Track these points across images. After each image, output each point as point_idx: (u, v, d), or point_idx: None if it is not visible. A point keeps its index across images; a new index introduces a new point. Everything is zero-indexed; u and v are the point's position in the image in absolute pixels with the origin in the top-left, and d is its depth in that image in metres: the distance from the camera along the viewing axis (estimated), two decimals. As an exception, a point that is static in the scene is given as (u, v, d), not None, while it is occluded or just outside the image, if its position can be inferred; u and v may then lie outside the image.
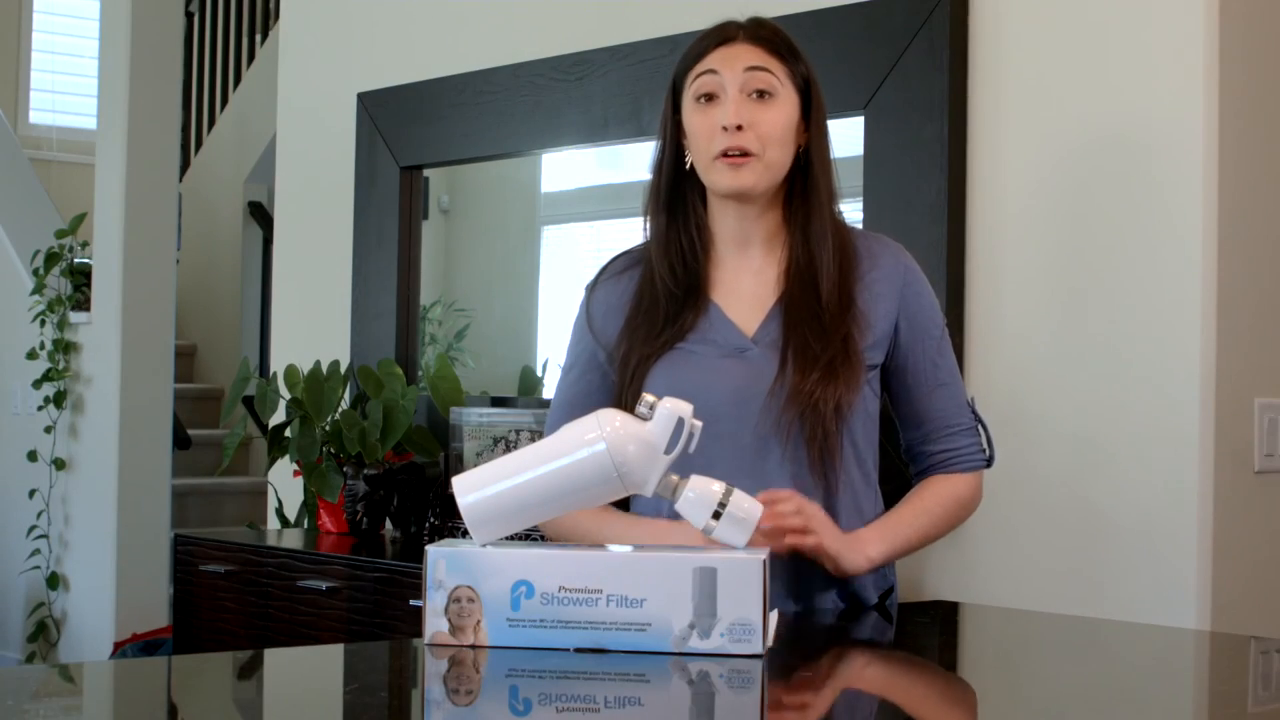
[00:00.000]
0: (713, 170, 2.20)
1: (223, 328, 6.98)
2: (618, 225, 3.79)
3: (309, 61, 4.26)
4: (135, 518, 5.30)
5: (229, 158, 7.07)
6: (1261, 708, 1.76)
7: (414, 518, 3.62)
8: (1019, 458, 2.78)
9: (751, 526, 1.85)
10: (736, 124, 2.16)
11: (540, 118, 3.57)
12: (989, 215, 2.88)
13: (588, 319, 2.32)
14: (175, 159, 5.47)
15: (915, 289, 2.27)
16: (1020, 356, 2.83)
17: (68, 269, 5.54)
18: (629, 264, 2.32)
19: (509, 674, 1.75)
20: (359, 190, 3.97)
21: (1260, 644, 2.16)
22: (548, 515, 1.90)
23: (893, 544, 2.21)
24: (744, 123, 2.16)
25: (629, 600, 1.77)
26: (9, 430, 5.77)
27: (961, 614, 2.46)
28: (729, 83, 2.18)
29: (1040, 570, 2.78)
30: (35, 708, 1.62)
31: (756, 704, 1.68)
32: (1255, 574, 2.70)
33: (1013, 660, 2.09)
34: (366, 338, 3.91)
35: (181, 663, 2.07)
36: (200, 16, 7.35)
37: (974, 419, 2.31)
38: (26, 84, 7.69)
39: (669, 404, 1.85)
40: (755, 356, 2.21)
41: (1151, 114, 2.68)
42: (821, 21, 3.04)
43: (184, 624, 3.67)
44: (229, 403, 3.94)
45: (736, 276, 2.26)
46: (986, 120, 2.88)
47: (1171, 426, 2.64)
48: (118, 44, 5.32)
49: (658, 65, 3.30)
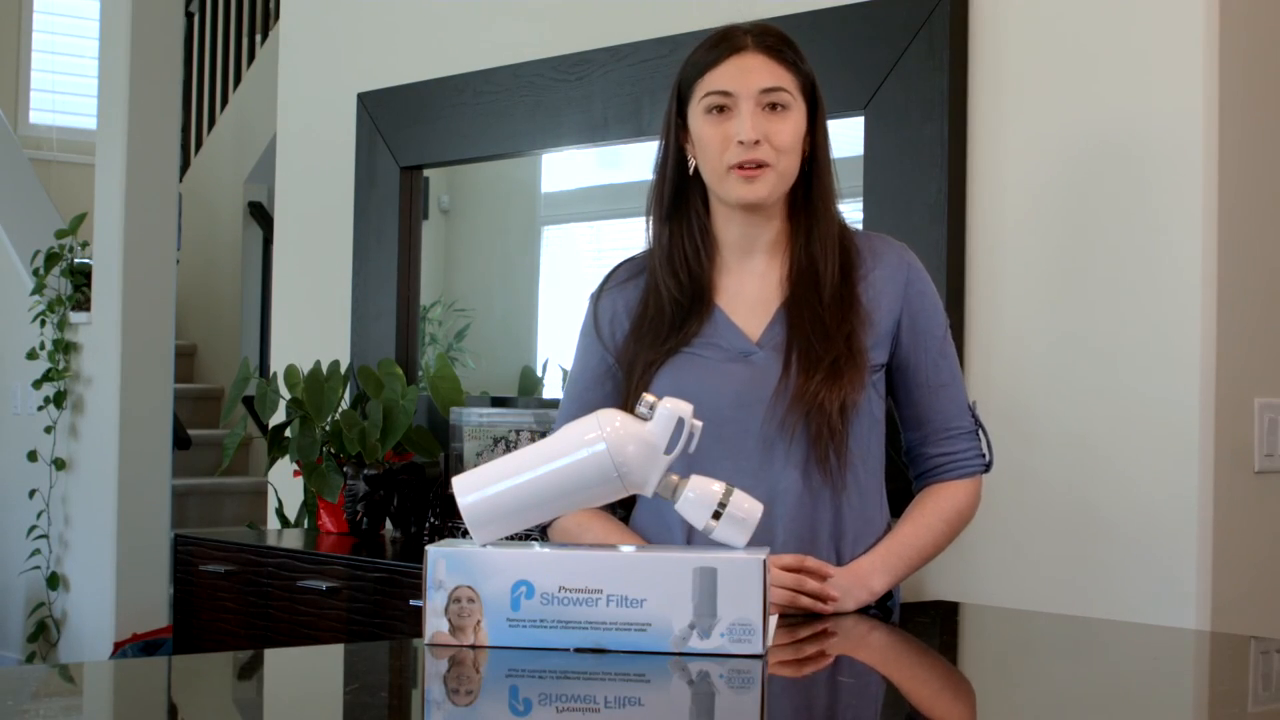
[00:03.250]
0: (726, 181, 2.20)
1: (223, 328, 6.98)
2: (618, 225, 3.79)
3: (309, 61, 4.26)
4: (135, 518, 5.30)
5: (229, 158, 7.07)
6: (1261, 708, 1.76)
7: (414, 518, 3.62)
8: (1019, 458, 2.78)
9: (751, 526, 1.85)
10: (755, 139, 2.17)
11: (540, 118, 3.57)
12: (989, 215, 2.88)
13: (595, 327, 2.32)
14: (175, 159, 5.47)
15: (919, 287, 2.27)
16: (1020, 357, 2.83)
17: (68, 269, 5.54)
18: (633, 272, 2.32)
19: (509, 674, 1.75)
20: (359, 190, 3.97)
21: (1260, 644, 2.16)
22: (548, 515, 1.90)
23: (894, 570, 2.22)
24: (760, 136, 2.17)
25: (629, 600, 1.77)
26: (9, 430, 5.77)
27: (962, 614, 2.46)
28: (743, 97, 2.18)
29: (1040, 570, 2.79)
30: (35, 708, 1.62)
31: (756, 704, 1.68)
32: (1255, 574, 2.70)
33: (1013, 660, 2.09)
34: (366, 338, 3.91)
35: (181, 663, 2.06)
36: (200, 16, 7.35)
37: (974, 423, 2.31)
38: (26, 84, 7.69)
39: (669, 404, 1.85)
40: (760, 360, 2.22)
41: (1152, 114, 2.68)
42: (821, 21, 3.04)
43: (184, 624, 3.67)
44: (229, 403, 3.94)
45: (740, 281, 2.27)
46: (986, 120, 2.88)
47: (1171, 426, 2.64)
48: (118, 44, 5.32)
49: (658, 65, 3.30)
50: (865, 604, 2.19)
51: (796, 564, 2.12)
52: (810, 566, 2.13)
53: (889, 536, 2.26)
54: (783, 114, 2.19)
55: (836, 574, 2.17)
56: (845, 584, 2.17)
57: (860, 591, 2.18)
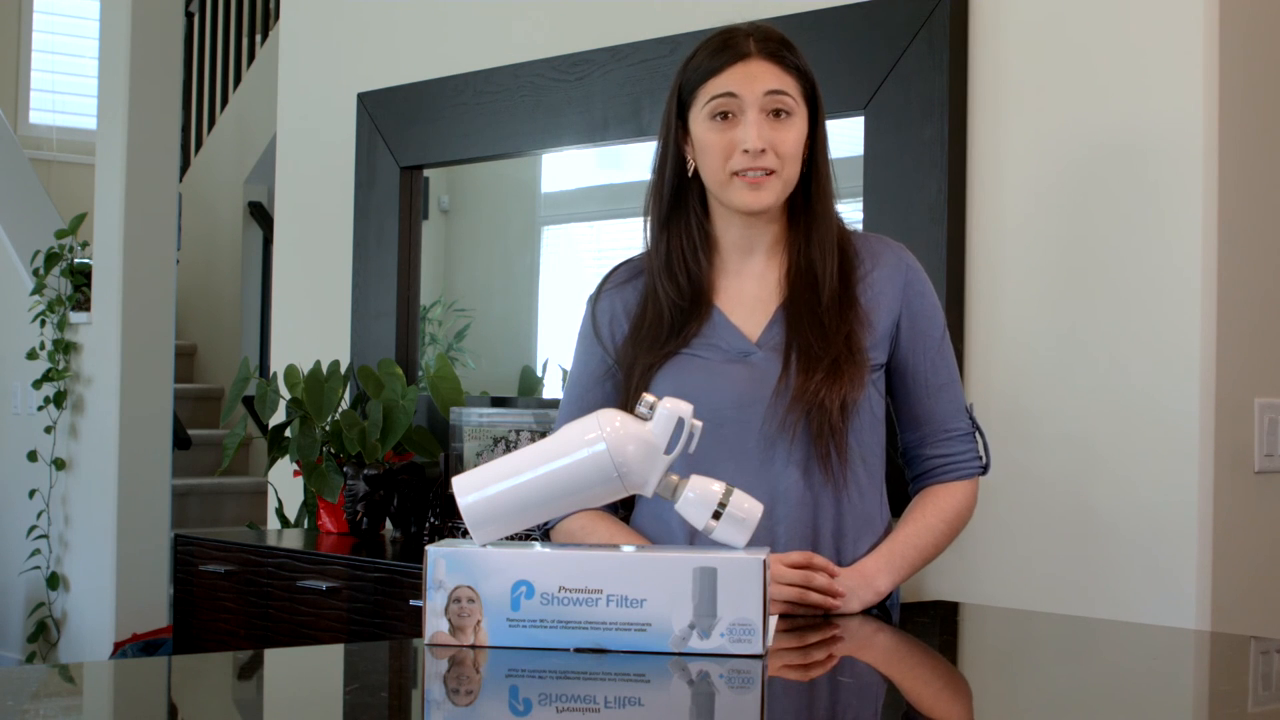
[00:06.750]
0: (730, 187, 2.20)
1: (223, 328, 6.98)
2: (618, 225, 3.79)
3: (309, 61, 4.26)
4: (135, 518, 5.30)
5: (229, 158, 7.07)
6: (1261, 708, 1.76)
7: (414, 518, 3.63)
8: (1019, 458, 2.78)
9: (752, 526, 1.85)
10: (761, 148, 2.17)
11: (540, 118, 3.57)
12: (989, 215, 2.88)
13: (594, 329, 2.31)
14: (175, 159, 5.47)
15: (918, 288, 2.27)
16: (1020, 357, 2.83)
17: (68, 269, 5.54)
18: (631, 274, 2.32)
19: (509, 674, 1.75)
20: (359, 190, 3.97)
21: (1260, 644, 2.16)
22: (548, 515, 1.90)
23: (899, 570, 2.23)
24: (765, 145, 2.17)
25: (629, 600, 1.77)
26: (9, 430, 5.77)
27: (962, 614, 2.46)
28: (748, 105, 2.18)
29: (1040, 570, 2.79)
30: (35, 708, 1.62)
31: (756, 704, 1.68)
32: (1255, 574, 2.70)
33: (1013, 661, 2.09)
34: (366, 338, 3.91)
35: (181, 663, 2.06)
36: (200, 16, 7.36)
37: (971, 424, 2.31)
38: (26, 84, 7.70)
39: (669, 404, 1.85)
40: (759, 360, 2.22)
41: (1152, 114, 2.68)
42: (821, 21, 3.04)
43: (184, 624, 3.67)
44: (229, 403, 3.94)
45: (739, 282, 2.27)
46: (986, 120, 2.88)
47: (1171, 426, 2.64)
48: (118, 44, 5.32)
49: (658, 65, 3.30)
50: (870, 604, 2.19)
51: (804, 560, 2.13)
52: (818, 564, 2.14)
53: (891, 537, 2.26)
54: (786, 120, 2.19)
55: (842, 574, 2.17)
56: (851, 584, 2.17)
57: (865, 592, 2.18)
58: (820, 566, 2.14)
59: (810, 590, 2.12)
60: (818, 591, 2.12)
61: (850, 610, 2.16)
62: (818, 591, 2.12)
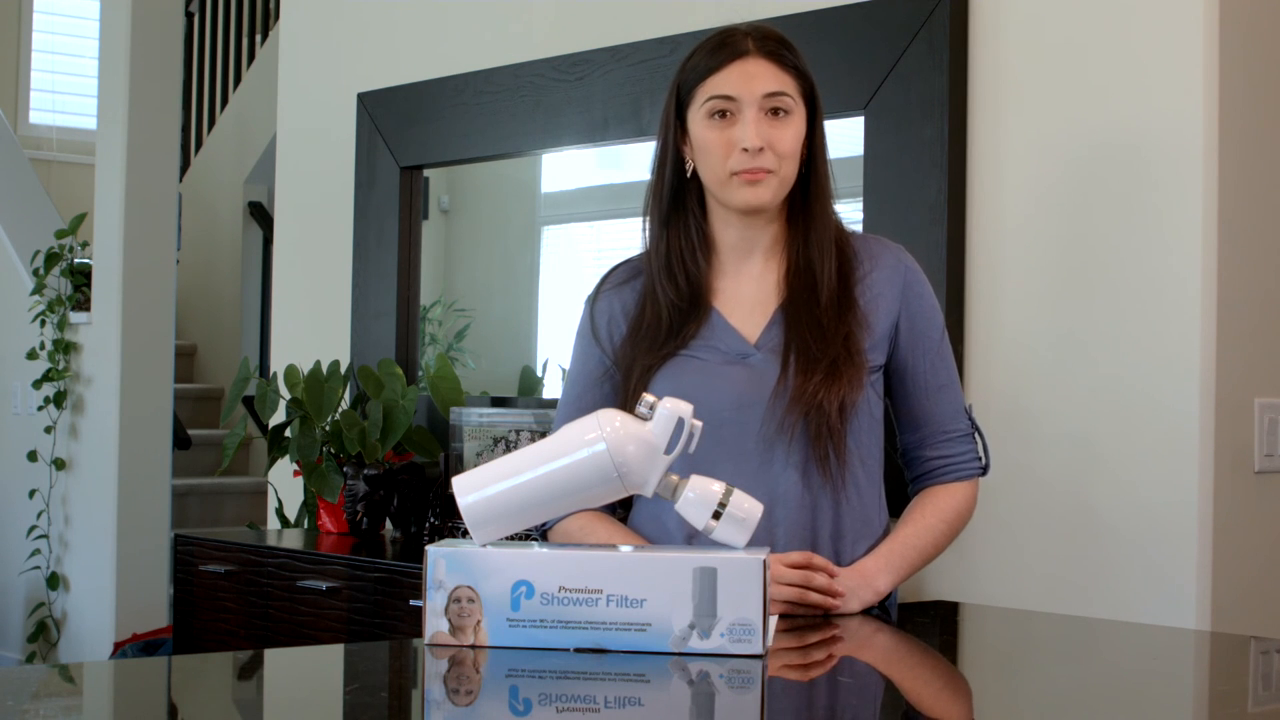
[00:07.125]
0: (729, 186, 2.20)
1: (223, 328, 6.98)
2: (618, 225, 3.79)
3: (309, 61, 4.26)
4: (135, 518, 5.30)
5: (229, 158, 7.07)
6: (1261, 708, 1.76)
7: (414, 518, 3.63)
8: (1019, 458, 2.78)
9: (751, 526, 1.85)
10: (759, 146, 2.17)
11: (540, 118, 3.57)
12: (989, 215, 2.88)
13: (592, 330, 2.31)
14: (175, 159, 5.47)
15: (917, 289, 2.27)
16: (1020, 357, 2.83)
17: (68, 269, 5.54)
18: (629, 275, 2.32)
19: (509, 674, 1.75)
20: (359, 190, 3.97)
21: (1260, 644, 2.16)
22: (548, 515, 1.90)
23: (899, 570, 2.23)
24: (763, 143, 2.17)
25: (629, 600, 1.77)
26: (9, 430, 5.77)
27: (961, 614, 2.46)
28: (747, 105, 2.18)
29: (1040, 570, 2.79)
30: (35, 708, 1.62)
31: (756, 704, 1.68)
32: (1255, 574, 2.70)
33: (1013, 661, 2.09)
34: (366, 338, 3.91)
35: (181, 663, 2.06)
36: (200, 16, 7.36)
37: (971, 425, 2.31)
38: (26, 84, 7.70)
39: (669, 404, 1.85)
40: (758, 362, 2.22)
41: (1152, 114, 2.68)
42: (821, 21, 3.04)
43: (184, 624, 3.67)
44: (229, 403, 3.94)
45: (738, 283, 2.27)
46: (986, 120, 2.88)
47: (1171, 426, 2.64)
48: (118, 44, 5.32)
49: (658, 65, 3.30)
50: (870, 604, 2.19)
51: (804, 560, 2.13)
52: (818, 564, 2.14)
53: (891, 537, 2.26)
54: (784, 119, 2.19)
55: (842, 574, 2.17)
56: (851, 584, 2.17)
57: (865, 592, 2.18)
58: (820, 566, 2.14)
59: (810, 590, 2.12)
60: (817, 591, 2.12)
61: (850, 610, 2.16)
62: (817, 591, 2.12)
